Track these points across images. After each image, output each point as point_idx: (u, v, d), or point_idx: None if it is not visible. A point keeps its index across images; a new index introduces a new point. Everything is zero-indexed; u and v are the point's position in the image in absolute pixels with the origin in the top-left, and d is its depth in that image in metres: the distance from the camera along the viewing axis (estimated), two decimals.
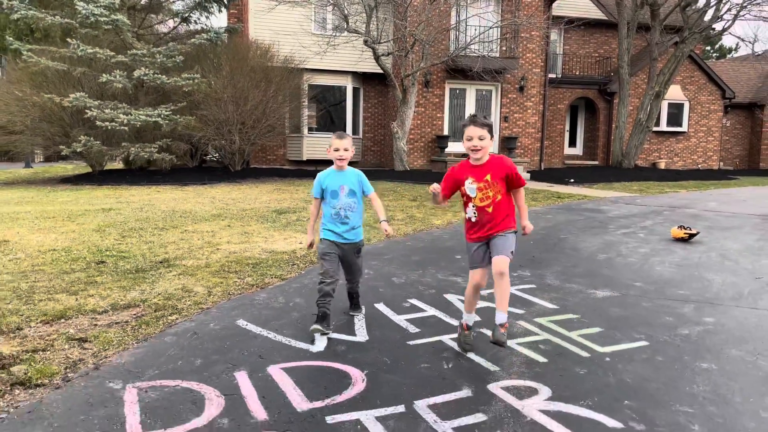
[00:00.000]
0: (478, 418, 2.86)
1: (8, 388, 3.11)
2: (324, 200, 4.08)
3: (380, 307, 4.62)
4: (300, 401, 3.00)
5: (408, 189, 13.53)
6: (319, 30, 18.69)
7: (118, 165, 18.76)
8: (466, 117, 3.71)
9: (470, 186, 3.53)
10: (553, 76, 23.05)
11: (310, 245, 4.24)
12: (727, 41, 47.21)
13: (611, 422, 2.83)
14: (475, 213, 3.56)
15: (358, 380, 3.27)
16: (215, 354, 3.61)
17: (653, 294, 5.19)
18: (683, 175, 20.09)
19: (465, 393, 3.14)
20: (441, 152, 19.12)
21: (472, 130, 3.46)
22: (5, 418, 2.81)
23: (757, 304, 4.94)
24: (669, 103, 24.06)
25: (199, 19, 17.40)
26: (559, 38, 24.26)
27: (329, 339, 3.89)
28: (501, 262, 3.42)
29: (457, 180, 3.59)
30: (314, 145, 19.60)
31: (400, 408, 2.94)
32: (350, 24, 16.27)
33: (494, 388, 3.20)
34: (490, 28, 17.66)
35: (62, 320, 4.14)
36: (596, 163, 24.22)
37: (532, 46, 20.03)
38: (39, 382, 3.18)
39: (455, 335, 3.92)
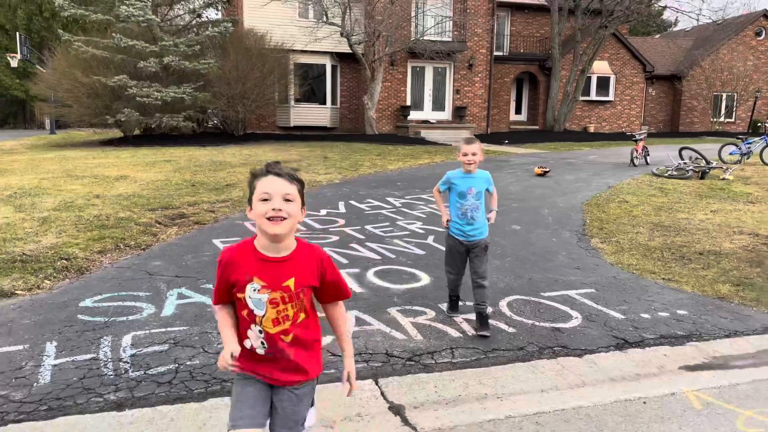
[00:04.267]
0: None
1: (193, 224, 7.49)
2: (449, 196, 4.22)
3: (352, 202, 9.08)
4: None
5: (375, 148, 17.90)
6: (303, 20, 22.67)
7: (137, 132, 22.67)
8: (261, 166, 1.92)
9: (255, 295, 1.89)
10: (500, 53, 27.36)
11: (447, 221, 4.25)
12: (669, 16, 51.53)
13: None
14: (263, 343, 1.94)
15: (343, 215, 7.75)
16: None
17: (499, 197, 9.70)
18: (599, 137, 24.79)
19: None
20: (404, 119, 23.48)
21: (270, 184, 1.85)
22: (204, 228, 7.21)
23: (545, 201, 9.53)
24: (598, 77, 28.64)
25: (209, 15, 21.31)
26: (506, 21, 28.51)
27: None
28: None
29: (234, 280, 1.90)
30: (300, 113, 23.81)
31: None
32: (329, 18, 20.36)
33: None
34: (442, 21, 21.86)
35: (196, 204, 8.52)
36: (536, 127, 28.79)
37: (479, 30, 24.29)
38: (204, 222, 7.56)
39: (390, 209, 8.40)
